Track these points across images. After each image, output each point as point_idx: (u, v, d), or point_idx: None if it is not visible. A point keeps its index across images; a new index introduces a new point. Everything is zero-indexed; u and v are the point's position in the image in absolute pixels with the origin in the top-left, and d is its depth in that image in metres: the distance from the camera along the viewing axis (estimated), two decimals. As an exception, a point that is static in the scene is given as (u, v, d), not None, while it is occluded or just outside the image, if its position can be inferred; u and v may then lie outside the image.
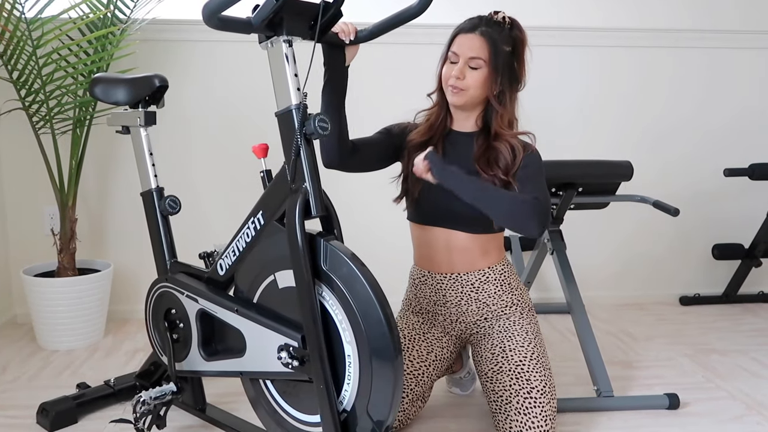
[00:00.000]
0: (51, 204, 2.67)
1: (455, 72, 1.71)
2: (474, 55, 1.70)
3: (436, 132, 1.81)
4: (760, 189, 3.06)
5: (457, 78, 1.70)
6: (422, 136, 1.81)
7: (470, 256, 1.81)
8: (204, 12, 1.34)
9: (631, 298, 3.19)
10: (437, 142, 1.80)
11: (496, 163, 1.72)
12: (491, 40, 1.70)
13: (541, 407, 1.67)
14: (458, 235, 1.79)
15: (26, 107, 2.43)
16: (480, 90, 1.72)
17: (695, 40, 3.05)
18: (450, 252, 1.82)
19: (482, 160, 1.74)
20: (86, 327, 2.53)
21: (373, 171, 1.86)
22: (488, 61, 1.70)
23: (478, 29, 1.71)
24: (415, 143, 1.81)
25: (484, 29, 1.71)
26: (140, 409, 1.68)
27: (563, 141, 2.94)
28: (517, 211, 1.63)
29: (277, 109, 1.45)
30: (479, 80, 1.71)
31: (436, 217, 1.81)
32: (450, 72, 1.73)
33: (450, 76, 1.72)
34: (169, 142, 2.75)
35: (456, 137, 1.81)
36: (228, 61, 2.81)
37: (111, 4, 2.49)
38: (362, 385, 1.41)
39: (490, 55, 1.70)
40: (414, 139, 1.82)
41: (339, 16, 1.51)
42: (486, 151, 1.74)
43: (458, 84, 1.71)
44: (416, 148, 1.80)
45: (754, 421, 1.95)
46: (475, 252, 1.81)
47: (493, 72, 1.71)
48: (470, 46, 1.70)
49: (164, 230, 1.86)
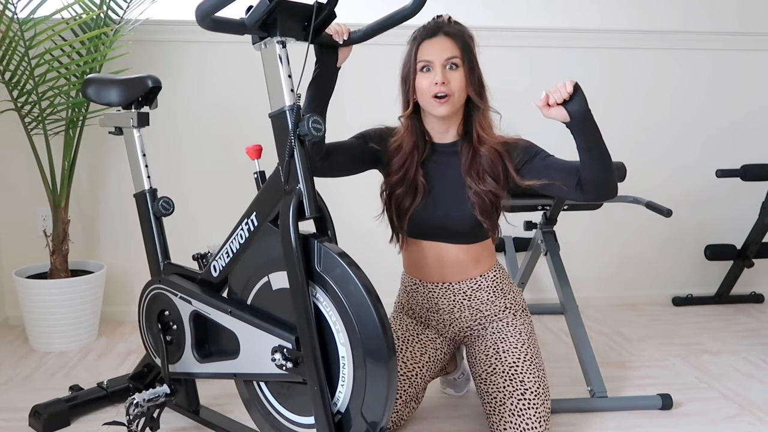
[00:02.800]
0: (43, 205, 2.66)
1: (438, 78, 1.64)
2: (449, 55, 1.66)
3: (411, 161, 1.73)
4: (752, 190, 3.07)
5: (442, 83, 1.64)
6: (398, 170, 1.74)
7: (462, 267, 1.81)
8: (197, 13, 1.33)
9: (625, 298, 3.19)
10: (415, 172, 1.73)
11: (486, 172, 1.69)
12: (457, 38, 1.67)
13: (535, 408, 1.67)
14: (449, 248, 1.78)
15: (18, 108, 2.42)
16: (462, 92, 1.67)
17: (689, 42, 3.06)
18: (442, 264, 1.81)
19: (471, 172, 1.70)
20: (79, 329, 2.52)
21: (346, 177, 1.80)
22: (461, 58, 1.66)
23: (441, 31, 1.67)
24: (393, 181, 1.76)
25: (446, 29, 1.68)
26: (133, 412, 1.67)
27: (556, 143, 2.94)
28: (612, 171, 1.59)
29: (271, 111, 1.45)
30: (461, 80, 1.66)
31: (426, 233, 1.79)
32: (429, 81, 1.65)
33: (431, 85, 1.65)
34: (162, 143, 2.74)
35: (436, 151, 1.76)
36: (221, 62, 2.80)
37: (104, 5, 2.48)
38: (356, 387, 1.41)
39: (463, 53, 1.67)
40: (392, 174, 1.76)
41: (333, 17, 1.50)
42: (473, 161, 1.70)
43: (444, 90, 1.64)
44: (396, 186, 1.75)
45: (746, 421, 1.96)
46: (467, 262, 1.80)
47: (468, 69, 1.67)
48: (442, 47, 1.66)
49: (157, 232, 1.86)
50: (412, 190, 1.75)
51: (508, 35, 2.91)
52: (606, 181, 1.60)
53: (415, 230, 1.80)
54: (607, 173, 1.59)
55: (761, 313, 3.06)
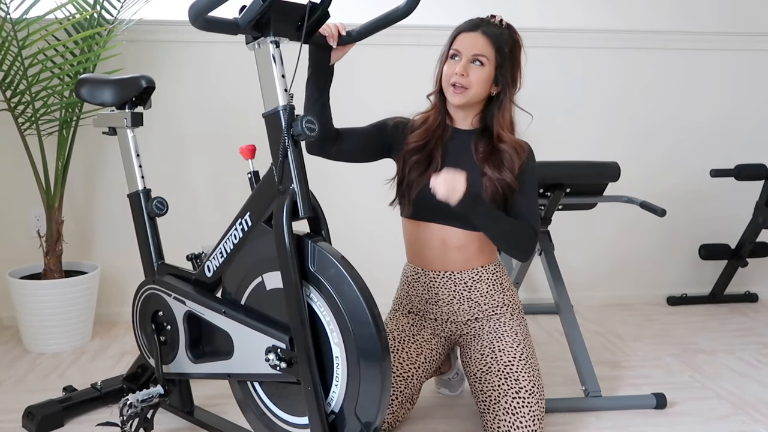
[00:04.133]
0: (37, 205, 2.65)
1: (458, 69, 1.71)
2: (478, 52, 1.71)
3: (433, 136, 1.80)
4: (746, 189, 3.08)
5: (460, 75, 1.70)
6: (419, 139, 1.80)
7: (466, 254, 1.81)
8: (190, 13, 1.33)
9: (619, 298, 3.20)
10: (434, 147, 1.78)
11: (504, 165, 1.74)
12: (494, 39, 1.72)
13: (529, 407, 1.67)
14: (454, 231, 1.78)
15: (12, 108, 2.41)
16: (481, 88, 1.72)
17: (679, 41, 3.07)
18: (445, 249, 1.81)
19: (490, 162, 1.74)
20: (73, 329, 2.51)
21: (359, 163, 1.86)
22: (491, 59, 1.71)
23: (480, 28, 1.73)
24: (411, 147, 1.80)
25: (486, 29, 1.72)
26: (127, 412, 1.66)
27: (550, 142, 2.94)
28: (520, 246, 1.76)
29: (265, 110, 1.45)
30: (482, 77, 1.71)
31: (432, 214, 1.78)
32: (452, 70, 1.72)
33: (452, 73, 1.72)
34: (156, 144, 2.73)
35: (456, 135, 1.81)
36: (215, 62, 2.80)
37: (97, 5, 2.48)
38: (350, 387, 1.41)
39: (494, 53, 1.71)
40: (411, 142, 1.80)
41: (326, 16, 1.50)
42: (492, 154, 1.75)
43: (461, 81, 1.70)
44: (413, 153, 1.79)
45: (740, 420, 1.96)
46: (471, 249, 1.80)
47: (495, 70, 1.72)
48: (473, 43, 1.71)
49: (151, 232, 1.85)
50: (425, 161, 1.78)
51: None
52: (514, 253, 1.81)
53: (424, 211, 1.79)
54: (512, 249, 1.79)
55: (755, 312, 3.07)
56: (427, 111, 1.84)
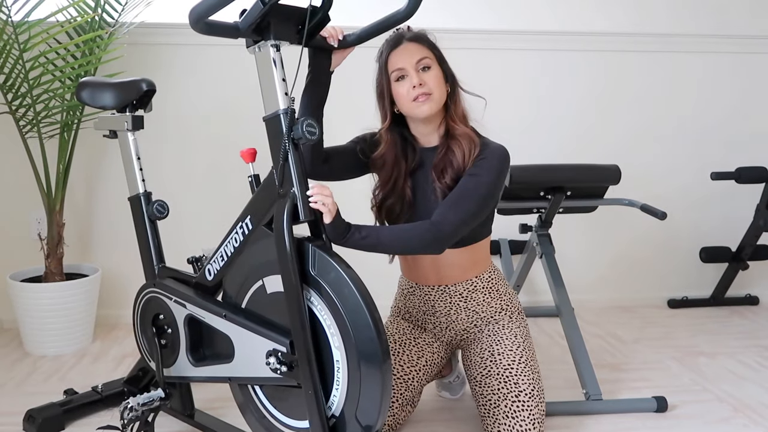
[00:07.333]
0: (38, 208, 2.65)
1: (414, 81, 1.64)
2: (419, 57, 1.67)
3: (399, 173, 1.74)
4: (747, 192, 3.08)
5: (420, 85, 1.64)
6: (386, 181, 1.76)
7: (459, 269, 1.81)
8: (191, 16, 1.33)
9: (620, 301, 3.20)
10: (403, 184, 1.75)
11: (450, 167, 1.68)
12: (422, 41, 1.70)
13: (529, 410, 1.67)
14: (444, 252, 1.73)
15: (13, 111, 2.41)
16: (441, 89, 1.68)
17: (680, 45, 3.08)
18: (438, 267, 1.81)
19: (438, 167, 1.70)
20: (74, 332, 2.51)
21: (345, 180, 1.82)
22: (433, 58, 1.68)
23: (404, 40, 1.69)
24: (380, 194, 1.78)
25: (409, 37, 1.70)
26: (128, 416, 1.66)
27: (550, 145, 2.95)
28: (410, 246, 1.62)
29: (265, 114, 1.45)
30: (437, 78, 1.67)
31: None
32: (406, 88, 1.66)
33: (409, 90, 1.65)
34: (156, 147, 2.73)
35: (423, 157, 1.76)
36: (216, 66, 2.80)
37: (99, 8, 2.48)
38: (351, 390, 1.41)
39: (431, 53, 1.69)
40: (378, 185, 1.78)
41: (327, 20, 1.51)
42: (443, 157, 1.70)
43: (422, 90, 1.64)
44: (385, 198, 1.77)
45: (740, 423, 1.96)
46: (464, 264, 1.81)
47: (440, 67, 1.69)
48: (410, 53, 1.67)
49: (152, 235, 1.85)
50: (400, 200, 1.76)
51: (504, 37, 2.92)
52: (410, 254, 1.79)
53: None
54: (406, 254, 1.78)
55: (756, 315, 3.07)
56: (379, 151, 1.75)
